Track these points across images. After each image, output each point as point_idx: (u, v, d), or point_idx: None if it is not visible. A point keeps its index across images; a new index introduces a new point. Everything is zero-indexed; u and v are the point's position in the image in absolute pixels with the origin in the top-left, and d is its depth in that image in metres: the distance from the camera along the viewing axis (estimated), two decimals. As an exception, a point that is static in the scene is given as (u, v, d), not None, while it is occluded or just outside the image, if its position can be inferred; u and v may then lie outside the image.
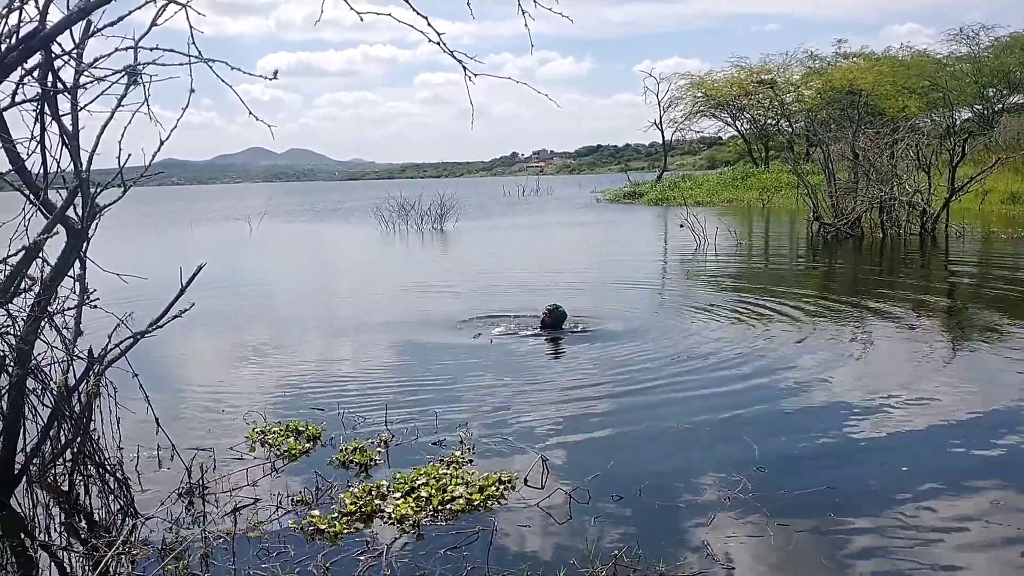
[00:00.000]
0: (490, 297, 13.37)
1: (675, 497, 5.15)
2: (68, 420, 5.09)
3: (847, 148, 22.71)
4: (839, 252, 19.72)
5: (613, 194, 52.12)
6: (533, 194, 60.34)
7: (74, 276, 5.03)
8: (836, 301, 12.20)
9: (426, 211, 31.27)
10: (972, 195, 24.13)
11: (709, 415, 6.78)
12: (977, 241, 20.45)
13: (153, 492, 5.34)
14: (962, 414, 6.63)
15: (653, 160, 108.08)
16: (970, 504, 4.96)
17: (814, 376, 7.93)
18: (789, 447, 6.07)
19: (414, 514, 4.87)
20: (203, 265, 5.06)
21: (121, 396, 5.39)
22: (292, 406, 7.36)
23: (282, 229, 35.27)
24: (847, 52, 57.37)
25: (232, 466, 5.76)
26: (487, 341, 9.69)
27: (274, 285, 17.04)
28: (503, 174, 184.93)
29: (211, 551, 4.47)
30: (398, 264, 21.56)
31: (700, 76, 60.92)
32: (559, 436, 6.35)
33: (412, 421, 6.68)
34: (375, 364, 8.96)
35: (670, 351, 9.06)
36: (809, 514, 4.85)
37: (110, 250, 5.59)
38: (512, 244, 25.50)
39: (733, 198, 41.68)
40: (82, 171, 4.71)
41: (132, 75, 4.76)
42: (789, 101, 57.81)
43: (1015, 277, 14.42)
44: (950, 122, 48.73)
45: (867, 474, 5.52)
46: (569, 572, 4.16)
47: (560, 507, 4.99)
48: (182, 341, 10.04)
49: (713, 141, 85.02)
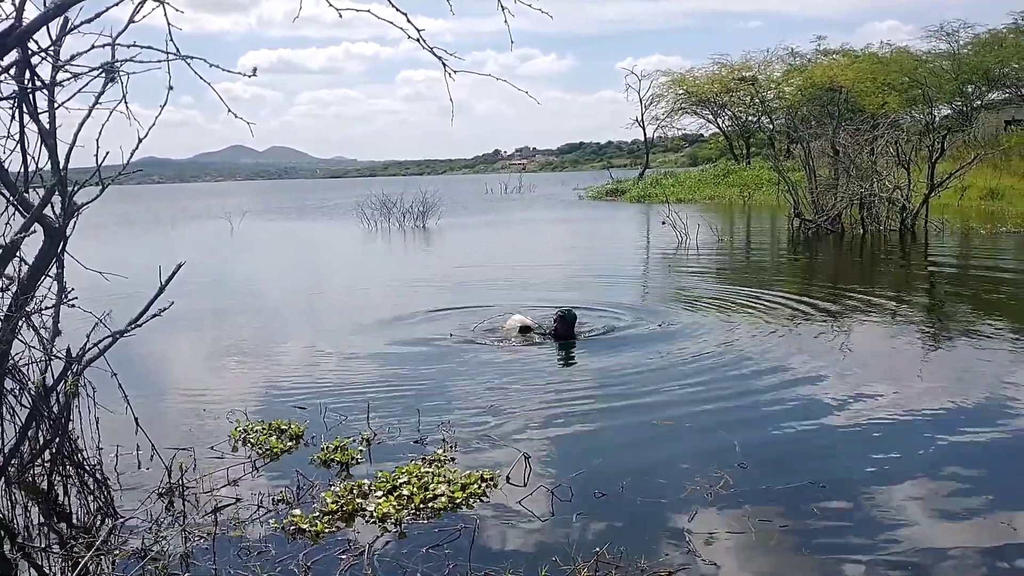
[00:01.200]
0: (472, 294, 13.36)
1: (657, 493, 5.16)
2: (46, 420, 5.04)
3: (827, 145, 22.84)
4: (820, 248, 19.82)
5: (595, 191, 52.21)
6: (516, 192, 60.37)
7: (52, 275, 4.98)
8: (817, 297, 12.26)
9: (408, 209, 31.21)
10: (951, 191, 24.31)
11: (690, 411, 6.80)
12: (956, 237, 20.61)
13: (133, 492, 5.30)
14: (943, 407, 6.67)
15: (635, 157, 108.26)
16: (951, 497, 5.00)
17: (795, 371, 7.96)
18: (770, 442, 6.10)
19: (396, 513, 4.86)
20: (182, 263, 5.02)
21: (101, 396, 5.35)
22: (274, 405, 7.33)
23: (264, 227, 35.12)
24: (827, 49, 57.67)
25: (213, 465, 5.73)
26: (481, 342, 9.64)
27: (255, 284, 16.96)
28: (486, 171, 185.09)
29: (191, 551, 4.44)
30: (380, 262, 21.51)
31: (682, 73, 61.05)
32: (541, 434, 6.34)
33: (394, 419, 6.66)
34: (357, 362, 8.92)
35: (651, 348, 9.08)
36: (791, 508, 4.87)
37: (89, 249, 5.54)
38: (495, 241, 25.51)
39: (714, 195, 41.87)
40: (60, 169, 4.67)
41: (109, 72, 4.72)
42: (770, 98, 58.04)
43: (994, 273, 14.55)
44: (929, 118, 49.10)
45: (848, 468, 5.56)
46: (551, 569, 4.16)
47: (542, 504, 4.99)
48: (163, 340, 9.97)
49: (695, 138, 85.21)
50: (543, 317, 10.38)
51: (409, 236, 27.11)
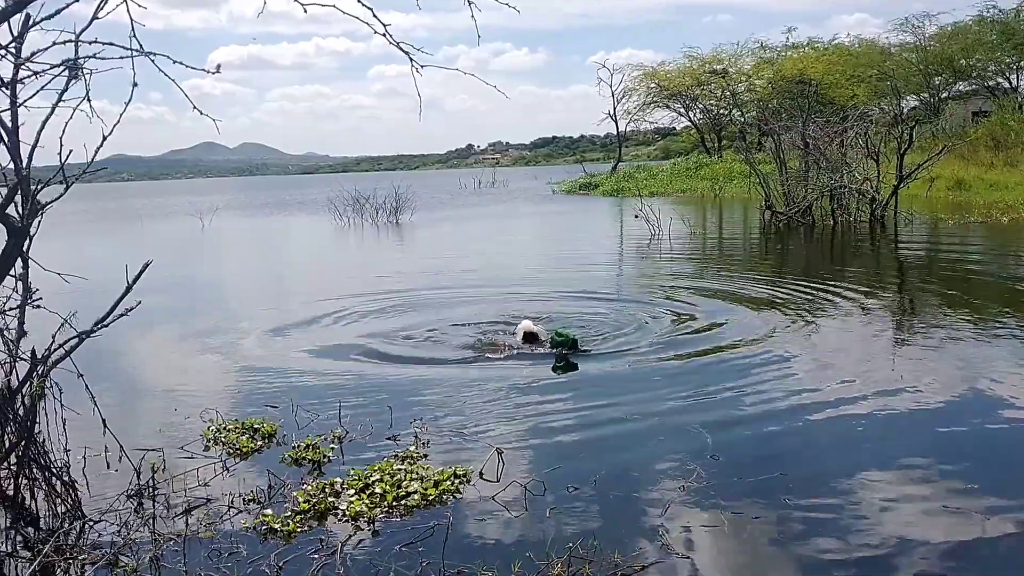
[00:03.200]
0: (445, 289, 13.35)
1: (630, 488, 5.16)
2: (12, 423, 4.97)
3: (798, 137, 22.99)
4: (791, 240, 19.96)
5: (569, 185, 52.24)
6: (489, 186, 60.36)
7: (16, 275, 4.92)
8: (788, 289, 12.33)
9: (381, 204, 31.10)
10: (920, 182, 24.54)
11: (663, 405, 6.80)
12: (925, 227, 20.82)
13: (102, 495, 5.23)
14: (913, 398, 6.72)
15: (608, 151, 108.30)
16: (924, 486, 5.04)
17: (765, 363, 7.99)
18: (743, 435, 6.12)
19: (369, 511, 4.83)
20: (149, 262, 4.97)
21: (68, 398, 5.28)
22: (245, 404, 7.27)
23: (235, 225, 34.88)
24: (795, 43, 57.98)
25: (184, 466, 5.66)
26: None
27: (226, 281, 16.83)
28: (459, 166, 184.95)
29: (161, 553, 4.38)
30: (351, 258, 21.42)
31: (653, 67, 61.24)
32: (515, 429, 6.33)
33: (366, 417, 6.62)
34: (329, 360, 8.84)
35: (623, 344, 9.09)
36: (763, 500, 4.88)
37: (55, 249, 5.47)
38: (466, 236, 25.49)
39: (687, 188, 42.04)
40: (22, 168, 4.60)
41: (73, 70, 4.66)
42: (741, 91, 58.33)
43: (962, 263, 14.72)
44: (898, 110, 49.53)
45: (820, 459, 5.60)
46: (525, 564, 4.15)
47: (515, 500, 4.98)
48: (131, 340, 9.87)
49: (667, 132, 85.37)
50: (519, 311, 10.36)
51: (382, 232, 27.00)
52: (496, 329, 9.79)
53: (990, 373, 7.39)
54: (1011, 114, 37.28)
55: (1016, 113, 37.59)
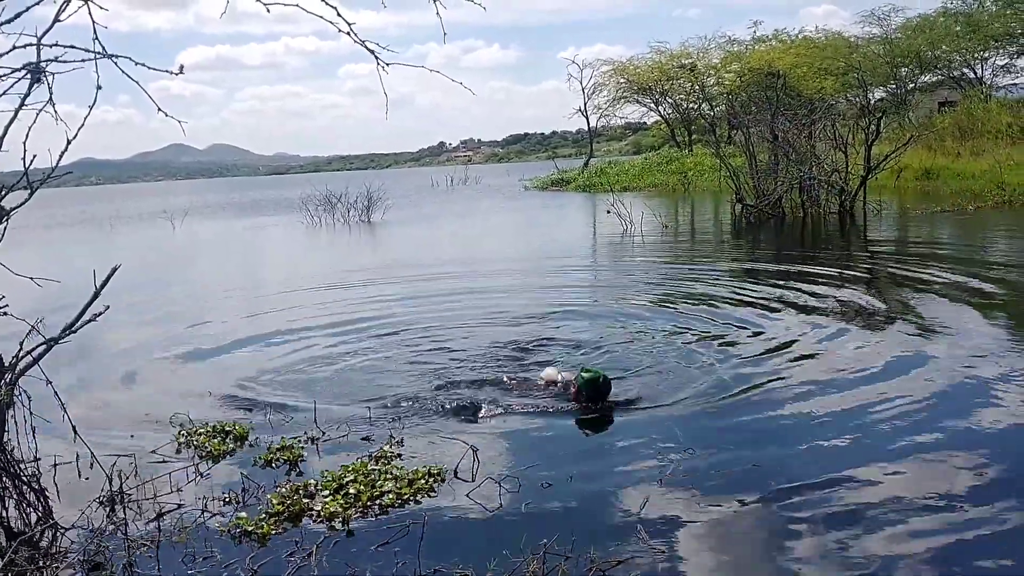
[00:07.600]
0: (415, 284, 13.33)
1: (606, 484, 5.19)
2: (-20, 432, 4.91)
3: (767, 130, 23.13)
4: (762, 233, 20.10)
5: (541, 182, 52.35)
6: (461, 184, 60.26)
7: (-20, 283, 4.85)
8: (759, 282, 12.42)
9: (353, 203, 30.97)
10: (888, 173, 24.79)
11: (635, 400, 6.82)
12: (893, 218, 21.04)
13: (73, 502, 5.18)
14: (885, 390, 6.75)
15: (580, 147, 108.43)
16: (896, 478, 5.08)
17: (737, 356, 8.05)
18: (715, 428, 6.16)
19: (343, 511, 4.82)
20: (118, 267, 4.92)
21: (36, 405, 5.21)
22: (218, 406, 7.22)
23: (206, 226, 34.59)
24: (762, 37, 58.19)
25: (156, 471, 5.61)
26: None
27: (197, 283, 16.67)
28: (431, 164, 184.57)
29: (134, 559, 4.35)
30: (323, 258, 21.31)
31: (623, 62, 61.30)
32: (489, 427, 6.34)
33: (340, 417, 6.60)
34: (302, 361, 8.80)
35: (595, 337, 9.12)
36: (737, 493, 4.91)
37: (21, 256, 5.40)
38: (439, 234, 25.44)
39: (658, 182, 42.20)
40: (-16, 174, 4.55)
41: (35, 73, 4.60)
42: (710, 84, 58.50)
43: (930, 253, 14.89)
44: (865, 102, 49.87)
45: (791, 451, 5.64)
46: (501, 562, 4.15)
47: (490, 498, 4.99)
48: (100, 345, 9.78)
49: (638, 126, 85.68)
50: (495, 308, 10.35)
51: (354, 231, 26.90)
52: (473, 332, 9.77)
53: (967, 362, 7.41)
54: (977, 104, 37.66)
55: (981, 103, 37.98)
